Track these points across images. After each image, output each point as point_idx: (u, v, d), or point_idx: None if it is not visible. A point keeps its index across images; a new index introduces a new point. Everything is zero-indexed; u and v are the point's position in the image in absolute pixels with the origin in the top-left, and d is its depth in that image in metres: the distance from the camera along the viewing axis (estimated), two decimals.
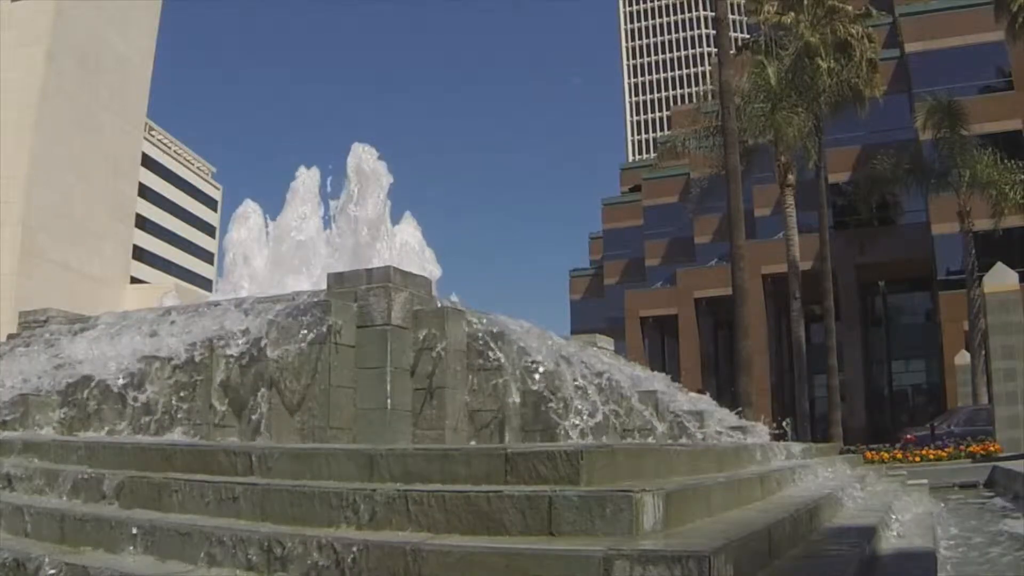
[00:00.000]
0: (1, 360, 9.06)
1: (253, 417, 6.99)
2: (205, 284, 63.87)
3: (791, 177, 29.60)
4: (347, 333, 7.05)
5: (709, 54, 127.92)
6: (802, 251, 30.36)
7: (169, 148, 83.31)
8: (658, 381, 10.85)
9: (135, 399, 7.46)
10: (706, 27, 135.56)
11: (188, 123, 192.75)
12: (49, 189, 18.02)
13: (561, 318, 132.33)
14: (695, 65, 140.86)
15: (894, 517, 7.10)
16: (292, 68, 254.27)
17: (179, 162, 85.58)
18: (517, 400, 7.47)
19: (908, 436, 23.00)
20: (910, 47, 39.01)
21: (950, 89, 32.41)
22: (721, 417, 10.46)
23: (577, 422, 7.17)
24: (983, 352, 25.08)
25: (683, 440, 8.54)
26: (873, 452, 20.44)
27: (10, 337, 10.61)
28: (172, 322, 8.25)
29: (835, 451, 13.68)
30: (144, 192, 57.77)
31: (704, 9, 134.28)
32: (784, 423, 19.16)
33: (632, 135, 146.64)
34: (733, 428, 9.90)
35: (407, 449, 5.11)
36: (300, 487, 4.59)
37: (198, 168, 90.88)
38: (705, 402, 11.40)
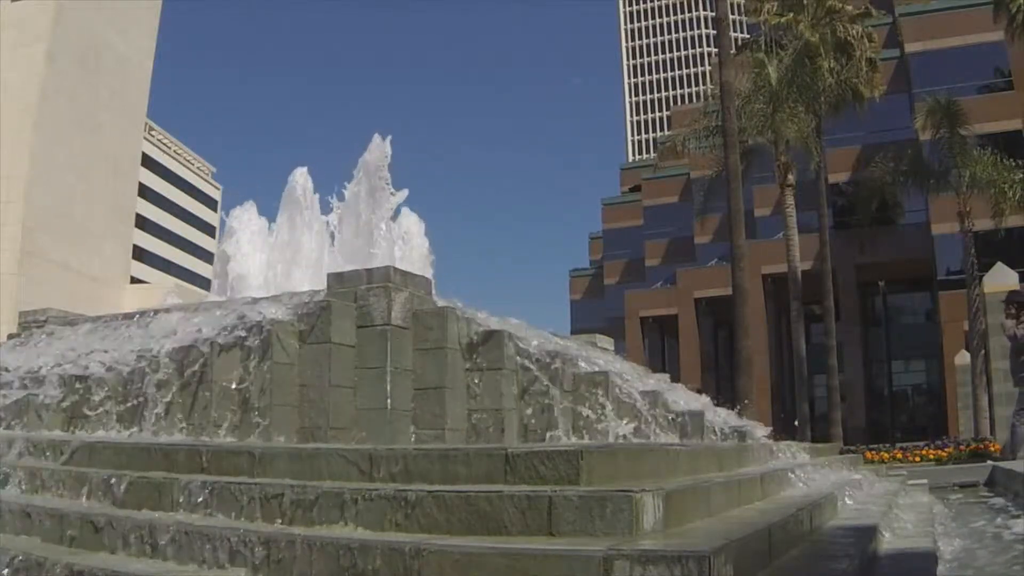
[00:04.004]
0: None
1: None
2: (205, 284, 63.78)
3: (791, 177, 29.60)
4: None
5: (709, 54, 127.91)
6: (802, 251, 30.35)
7: (169, 148, 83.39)
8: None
9: None
10: (706, 27, 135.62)
11: (188, 123, 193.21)
12: (49, 189, 17.98)
13: (561, 318, 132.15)
14: (695, 65, 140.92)
15: (894, 517, 7.09)
16: (292, 68, 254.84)
17: (179, 162, 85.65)
18: (517, 400, 7.47)
19: None
20: (910, 47, 39.04)
21: (950, 89, 32.36)
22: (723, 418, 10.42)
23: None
24: (983, 352, 25.05)
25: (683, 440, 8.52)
26: (873, 452, 20.44)
27: (10, 337, 10.60)
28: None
29: (835, 451, 13.67)
30: (144, 192, 57.82)
31: (704, 9, 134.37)
32: (794, 423, 19.31)
33: (632, 135, 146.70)
34: (733, 428, 9.87)
35: (407, 449, 5.10)
36: (300, 487, 4.58)
37: (198, 168, 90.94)
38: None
